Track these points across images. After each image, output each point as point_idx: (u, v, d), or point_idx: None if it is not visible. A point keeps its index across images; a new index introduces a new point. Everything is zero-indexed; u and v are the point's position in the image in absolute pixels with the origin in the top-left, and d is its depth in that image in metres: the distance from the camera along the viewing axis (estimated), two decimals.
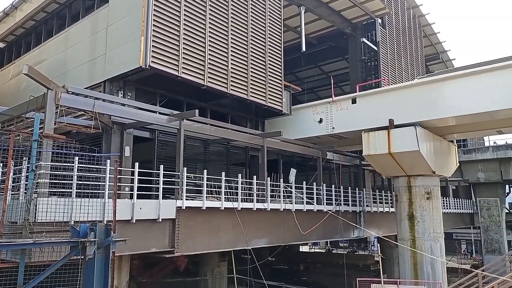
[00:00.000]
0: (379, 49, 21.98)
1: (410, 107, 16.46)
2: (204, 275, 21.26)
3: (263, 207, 14.41)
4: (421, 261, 17.03)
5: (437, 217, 17.75)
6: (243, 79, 15.91)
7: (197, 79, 14.07)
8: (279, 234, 15.50)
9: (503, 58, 16.22)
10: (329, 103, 18.82)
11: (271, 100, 17.20)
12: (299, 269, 37.41)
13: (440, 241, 17.71)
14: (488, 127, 17.81)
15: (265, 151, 15.91)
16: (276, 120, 19.57)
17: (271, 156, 17.90)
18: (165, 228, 11.36)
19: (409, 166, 17.13)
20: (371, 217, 21.10)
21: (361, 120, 17.65)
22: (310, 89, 30.20)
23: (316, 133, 19.11)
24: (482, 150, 34.07)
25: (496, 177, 33.00)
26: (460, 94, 15.37)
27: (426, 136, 16.86)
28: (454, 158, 20.05)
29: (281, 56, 18.03)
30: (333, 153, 19.90)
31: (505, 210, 36.11)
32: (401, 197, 18.08)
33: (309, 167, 21.49)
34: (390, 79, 22.43)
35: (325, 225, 17.20)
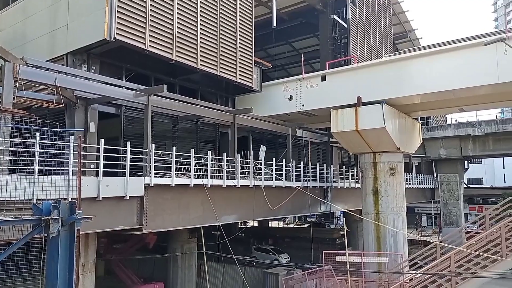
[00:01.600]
0: (349, 27, 22.05)
1: (378, 85, 16.74)
2: (173, 251, 21.36)
3: (233, 184, 14.47)
4: (384, 234, 17.78)
5: (400, 192, 18.47)
6: (213, 54, 15.60)
7: (165, 53, 13.66)
8: (249, 210, 15.67)
9: (465, 37, 16.69)
10: (299, 80, 18.86)
11: (242, 77, 17.02)
12: (268, 244, 38.22)
13: (403, 215, 18.51)
14: (451, 105, 18.45)
15: (235, 128, 15.85)
16: (246, 97, 19.45)
17: (241, 133, 17.87)
18: (133, 206, 11.21)
19: (375, 142, 17.59)
20: (338, 192, 21.68)
21: (330, 98, 17.84)
22: (280, 66, 30.07)
23: (286, 110, 19.19)
24: (444, 127, 35.45)
25: (457, 153, 34.55)
26: (425, 72, 15.75)
27: (392, 113, 17.29)
28: (417, 135, 20.74)
29: (252, 31, 17.76)
30: (303, 130, 20.11)
31: (463, 185, 38.09)
32: (367, 173, 18.63)
33: (279, 144, 21.67)
34: (360, 57, 22.66)
35: (294, 201, 17.54)
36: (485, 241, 14.16)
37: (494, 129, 32.46)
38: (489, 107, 20.65)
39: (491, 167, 59.63)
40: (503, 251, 13.36)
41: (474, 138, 33.78)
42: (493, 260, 13.31)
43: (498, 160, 57.21)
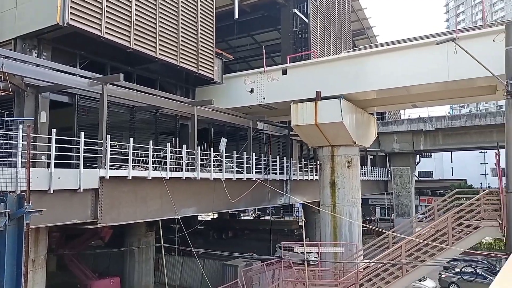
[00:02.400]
0: (309, 21, 22.32)
1: (337, 80, 17.12)
2: (130, 245, 20.88)
3: (192, 176, 14.31)
4: (340, 224, 18.34)
5: (356, 184, 19.10)
6: (173, 43, 15.24)
7: (122, 40, 13.17)
8: (209, 202, 15.60)
9: (419, 36, 17.42)
10: (261, 73, 18.89)
11: (202, 68, 16.79)
12: (228, 236, 38.36)
13: (358, 206, 19.17)
14: (404, 101, 19.23)
15: (195, 120, 15.64)
16: (207, 88, 19.24)
17: (201, 125, 17.68)
18: (87, 199, 10.81)
19: (333, 136, 18.02)
20: (297, 184, 22.06)
21: (291, 91, 18.03)
22: (242, 58, 29.96)
23: (248, 103, 19.19)
24: (398, 122, 36.97)
25: (409, 147, 36.18)
26: (381, 69, 16.29)
27: (350, 108, 17.77)
28: (373, 130, 21.49)
29: (213, 21, 17.52)
30: (263, 123, 20.21)
31: (414, 178, 40.02)
32: (325, 165, 19.08)
33: (239, 136, 21.67)
34: (320, 52, 23.03)
35: (254, 193, 17.65)
36: (433, 231, 14.96)
37: (443, 125, 34.27)
38: (440, 104, 21.74)
39: (440, 161, 63.02)
40: (449, 240, 14.18)
41: (426, 133, 35.51)
42: (441, 248, 14.11)
43: (446, 154, 60.54)
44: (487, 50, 12.33)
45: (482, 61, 11.42)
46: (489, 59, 11.70)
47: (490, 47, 12.27)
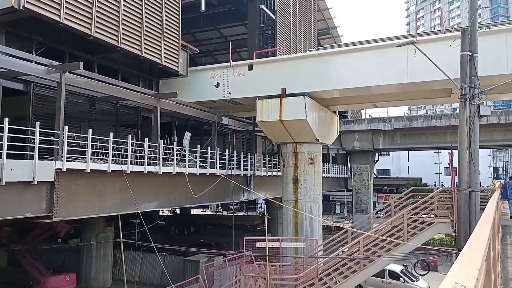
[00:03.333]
0: (276, 18, 22.39)
1: (302, 78, 17.32)
2: (87, 240, 20.22)
3: (154, 170, 14.01)
4: (302, 220, 18.66)
5: (317, 180, 19.47)
6: (136, 33, 14.80)
7: (82, 27, 12.64)
8: (171, 197, 15.35)
9: (382, 38, 17.92)
10: (227, 68, 18.77)
11: (167, 59, 16.44)
12: (190, 231, 38.03)
13: (319, 202, 19.56)
14: (366, 101, 19.78)
15: (158, 112, 15.31)
16: (171, 80, 18.88)
17: (165, 118, 17.33)
18: (42, 192, 10.32)
19: (297, 133, 18.25)
20: (260, 180, 22.18)
21: (257, 87, 18.05)
22: (208, 51, 29.60)
23: (213, 97, 19.02)
24: (359, 121, 38.02)
25: (369, 146, 37.31)
26: (345, 68, 16.65)
27: (313, 106, 18.04)
28: (335, 128, 21.96)
29: (179, 12, 17.18)
30: (228, 118, 20.12)
31: (373, 175, 41.36)
32: (288, 162, 19.30)
33: (204, 131, 21.46)
34: (286, 49, 23.19)
35: (217, 188, 17.56)
36: (390, 227, 15.53)
37: (401, 125, 35.60)
38: (399, 104, 22.57)
39: (397, 159, 65.52)
40: (404, 236, 14.78)
41: (385, 133, 36.74)
42: (396, 244, 14.68)
43: (404, 153, 63.05)
44: (444, 55, 12.89)
45: (439, 65, 11.93)
46: (445, 63, 12.24)
47: (447, 52, 12.83)
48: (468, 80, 11.74)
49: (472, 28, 11.99)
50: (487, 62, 12.86)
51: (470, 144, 11.63)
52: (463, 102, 11.87)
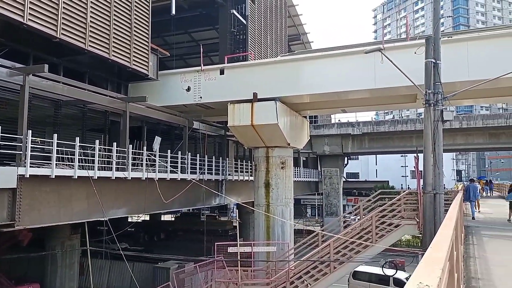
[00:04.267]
0: (247, 23, 22.51)
1: (273, 83, 17.46)
2: (52, 249, 19.43)
3: (123, 176, 13.69)
4: (273, 224, 18.73)
5: (289, 184, 19.63)
6: (104, 35, 14.47)
7: (48, 29, 12.22)
8: (140, 203, 15.04)
9: (350, 45, 18.36)
10: (198, 72, 18.66)
11: (136, 62, 16.15)
12: (160, 238, 37.35)
13: (290, 206, 19.71)
14: (335, 106, 20.16)
15: (127, 116, 15.00)
16: (141, 84, 18.56)
17: (134, 123, 17.00)
18: (3, 199, 9.86)
19: (268, 137, 18.35)
20: (232, 185, 22.11)
21: (228, 92, 18.04)
22: (179, 55, 29.37)
23: (184, 101, 18.84)
24: (329, 126, 38.68)
25: (338, 150, 38.00)
26: (315, 74, 16.91)
27: (284, 111, 18.22)
28: (306, 132, 22.24)
29: (149, 15, 16.94)
30: (200, 123, 19.97)
31: (343, 179, 42.12)
32: (260, 166, 19.36)
33: (174, 135, 21.18)
34: (257, 54, 23.33)
35: (188, 194, 17.36)
36: (359, 229, 15.85)
37: (369, 130, 36.50)
38: (367, 109, 23.12)
39: (366, 163, 67.08)
40: (373, 238, 15.12)
41: (353, 137, 37.54)
42: (365, 246, 14.99)
43: (372, 157, 64.65)
44: (410, 61, 13.32)
45: (405, 71, 12.33)
46: (411, 69, 12.65)
47: (412, 59, 13.26)
48: (432, 86, 12.19)
49: (436, 36, 12.47)
50: (449, 69, 13.40)
51: (434, 148, 12.06)
52: (427, 108, 12.30)
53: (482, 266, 7.96)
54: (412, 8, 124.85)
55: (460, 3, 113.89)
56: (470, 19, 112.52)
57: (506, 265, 8.23)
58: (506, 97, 18.48)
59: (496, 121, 31.92)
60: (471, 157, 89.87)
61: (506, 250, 10.03)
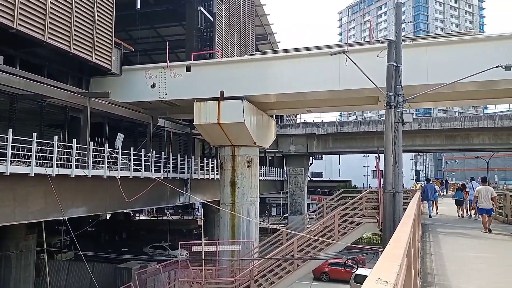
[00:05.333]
0: (215, 21, 22.36)
1: (240, 81, 17.44)
2: (6, 250, 18.47)
3: (83, 174, 13.22)
4: (239, 223, 18.74)
5: (255, 183, 19.70)
6: (65, 27, 13.90)
7: (3, 19, 11.60)
8: (101, 202, 14.60)
9: (316, 46, 18.66)
10: (164, 68, 18.33)
11: (99, 57, 15.65)
12: (122, 238, 36.44)
13: (256, 205, 19.80)
14: (301, 106, 20.43)
15: (88, 112, 14.49)
16: (103, 79, 18.00)
17: (96, 119, 16.48)
18: None
19: (234, 136, 18.32)
20: (197, 183, 21.90)
21: (195, 89, 17.84)
22: (144, 51, 28.71)
23: (148, 97, 18.45)
24: (295, 126, 39.14)
25: (303, 149, 38.53)
26: (282, 74, 17.06)
27: (251, 110, 18.25)
28: (272, 132, 22.41)
29: (113, 8, 16.45)
30: (165, 120, 19.64)
31: (307, 178, 42.76)
32: (226, 165, 19.30)
33: (138, 132, 20.71)
34: (224, 52, 23.22)
35: (152, 192, 17.03)
36: (322, 227, 16.15)
37: (334, 130, 37.26)
38: (332, 110, 23.64)
39: (330, 163, 68.49)
40: (335, 236, 15.46)
41: (318, 137, 38.19)
42: (328, 243, 15.30)
43: (335, 157, 66.06)
44: (372, 64, 13.71)
45: (368, 74, 12.68)
46: (373, 72, 13.02)
47: (375, 62, 13.65)
48: (393, 89, 12.61)
49: (397, 41, 12.91)
50: (410, 72, 13.92)
51: (394, 148, 12.48)
52: (388, 110, 12.71)
53: (438, 262, 8.34)
54: (376, 12, 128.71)
55: (420, 10, 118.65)
56: (429, 25, 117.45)
57: (459, 261, 8.66)
58: (462, 100, 19.45)
59: (452, 124, 33.49)
60: (429, 157, 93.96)
61: (459, 246, 10.56)
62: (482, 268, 7.87)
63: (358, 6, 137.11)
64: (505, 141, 33.43)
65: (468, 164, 77.30)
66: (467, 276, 7.18)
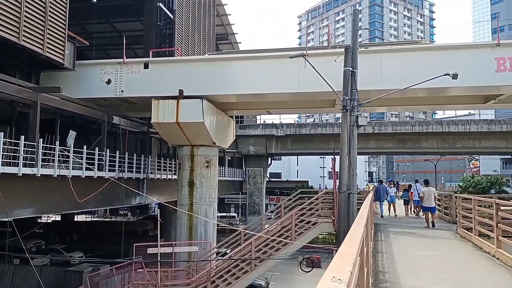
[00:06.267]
0: (175, 18, 21.96)
1: (200, 81, 17.26)
2: None
3: (31, 173, 12.53)
4: (196, 223, 18.53)
5: (213, 184, 19.57)
6: (13, 18, 13.09)
7: None
8: (51, 202, 13.91)
9: (277, 49, 18.88)
10: (120, 64, 17.75)
11: (51, 50, 14.86)
12: (72, 240, 34.89)
13: (214, 205, 19.67)
14: (261, 107, 20.57)
15: (38, 108, 13.75)
16: (56, 74, 17.14)
17: (46, 115, 15.66)
18: None
19: (193, 136, 18.11)
20: (154, 184, 21.42)
21: (153, 87, 17.44)
22: (99, 46, 27.66)
23: (103, 94, 17.79)
24: (254, 127, 39.33)
25: (262, 150, 38.81)
26: (242, 75, 17.09)
27: (211, 109, 18.13)
28: (232, 132, 22.37)
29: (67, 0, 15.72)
30: (120, 118, 19.03)
31: (266, 179, 43.13)
32: (184, 165, 19.03)
33: (92, 130, 19.93)
34: (184, 51, 22.88)
35: (106, 192, 16.44)
36: (280, 227, 16.35)
37: (292, 132, 37.83)
38: (291, 112, 24.05)
39: (288, 164, 69.50)
40: (292, 235, 15.70)
41: (277, 138, 38.62)
42: (285, 243, 15.51)
43: (293, 158, 67.15)
44: (330, 68, 14.05)
45: (326, 78, 13.00)
46: (331, 76, 13.37)
47: (332, 66, 14.01)
48: (350, 93, 13.02)
49: (354, 47, 13.34)
50: (365, 77, 14.41)
51: (349, 150, 12.89)
52: (344, 113, 13.11)
53: (389, 260, 8.69)
54: (334, 18, 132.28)
55: (376, 18, 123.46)
56: (384, 33, 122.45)
57: (408, 259, 9.09)
58: (413, 106, 20.42)
59: (403, 128, 35.08)
60: (381, 160, 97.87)
61: (408, 245, 11.07)
62: (429, 265, 8.30)
63: (317, 11, 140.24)
64: (451, 145, 35.51)
65: (418, 166, 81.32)
66: (415, 273, 7.55)
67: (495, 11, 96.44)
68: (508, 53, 14.70)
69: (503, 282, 6.88)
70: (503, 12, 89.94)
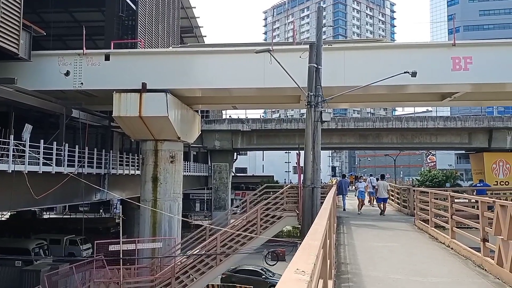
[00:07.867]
0: (138, 9, 21.33)
1: (164, 74, 16.93)
2: None
3: None
4: (160, 219, 18.24)
5: (178, 179, 19.32)
6: None
7: None
8: (5, 199, 13.26)
9: (243, 43, 18.85)
10: (79, 56, 17.07)
11: (4, 39, 14.03)
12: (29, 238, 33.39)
13: (179, 201, 19.43)
14: (226, 102, 20.48)
15: None
16: (9, 64, 16.23)
17: (0, 108, 14.84)
18: None
19: (157, 130, 17.77)
20: (116, 179, 20.87)
21: (114, 79, 16.91)
22: (58, 36, 26.46)
23: (61, 86, 17.04)
24: (220, 121, 39.14)
25: (228, 145, 38.72)
26: (208, 69, 16.91)
27: (176, 103, 17.84)
28: (197, 127, 22.14)
29: None
30: (80, 111, 18.35)
31: (232, 174, 43.08)
32: (148, 160, 18.65)
33: (50, 124, 19.09)
34: (147, 43, 22.31)
35: (65, 188, 15.84)
36: (245, 222, 16.41)
37: (258, 127, 37.95)
38: (257, 107, 24.11)
39: (254, 158, 69.73)
40: (258, 230, 15.81)
41: (243, 133, 38.64)
42: (250, 237, 15.59)
43: (259, 153, 67.41)
44: (295, 64, 14.18)
45: (291, 74, 13.11)
46: (296, 72, 13.49)
47: (297, 62, 14.13)
48: (314, 89, 13.21)
49: (318, 44, 13.53)
50: (329, 74, 14.67)
51: (314, 145, 13.11)
52: (309, 109, 13.29)
53: (350, 252, 8.96)
54: (299, 14, 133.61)
55: (339, 15, 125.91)
56: (347, 31, 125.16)
57: (369, 250, 9.40)
58: (374, 102, 21.06)
59: (365, 124, 36.10)
60: (344, 155, 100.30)
61: (368, 237, 11.45)
62: (387, 256, 8.63)
63: (283, 7, 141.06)
64: (410, 140, 36.94)
65: (378, 161, 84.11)
66: (375, 264, 7.82)
67: (451, 13, 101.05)
68: (463, 52, 15.45)
69: (456, 269, 7.28)
70: (458, 13, 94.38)
